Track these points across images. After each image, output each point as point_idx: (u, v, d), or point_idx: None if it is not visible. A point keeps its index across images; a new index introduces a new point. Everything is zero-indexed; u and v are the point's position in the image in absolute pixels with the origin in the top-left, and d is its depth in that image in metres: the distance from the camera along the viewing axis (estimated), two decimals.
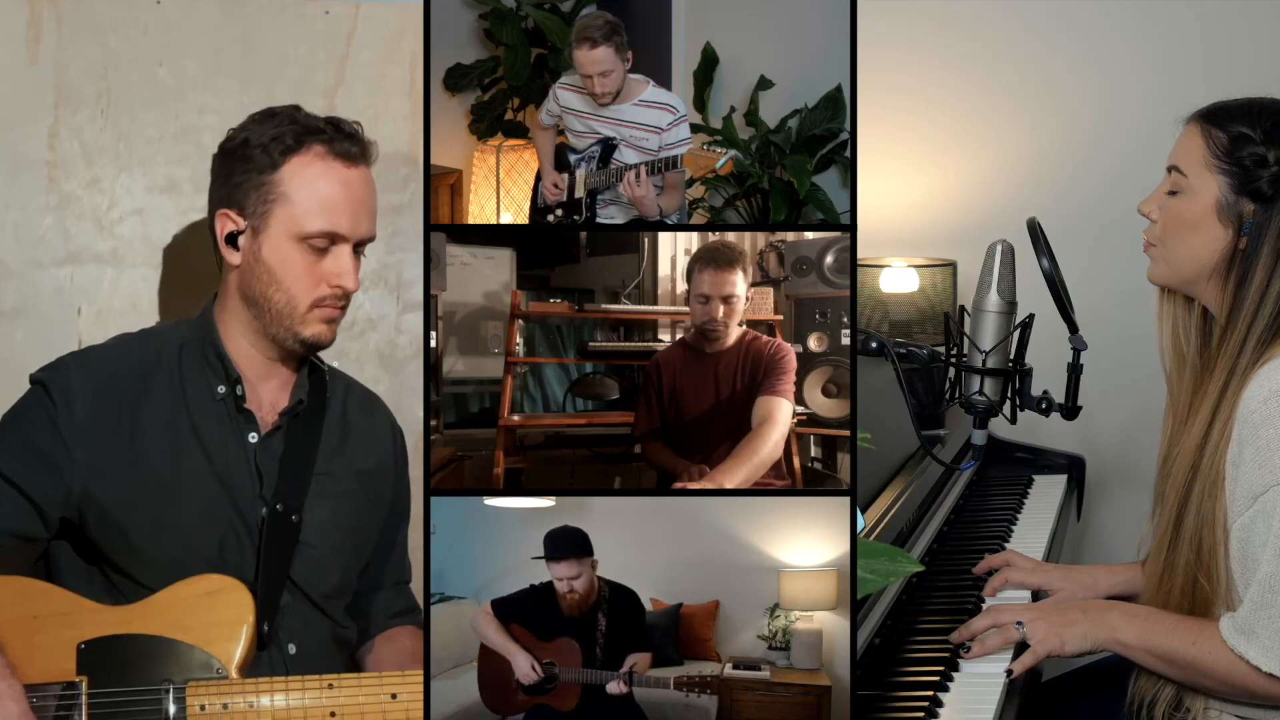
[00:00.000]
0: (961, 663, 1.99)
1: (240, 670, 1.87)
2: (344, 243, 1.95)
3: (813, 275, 2.90)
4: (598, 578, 2.06)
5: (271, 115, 1.96)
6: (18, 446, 1.90)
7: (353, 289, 1.96)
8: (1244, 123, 1.90)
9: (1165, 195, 1.97)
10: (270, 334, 1.97)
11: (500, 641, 2.05)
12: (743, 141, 2.86)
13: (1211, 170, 1.91)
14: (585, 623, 2.04)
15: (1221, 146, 1.91)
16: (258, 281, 1.94)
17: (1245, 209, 1.89)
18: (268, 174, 1.92)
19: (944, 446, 2.72)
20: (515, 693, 2.03)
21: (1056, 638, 1.95)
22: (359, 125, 1.99)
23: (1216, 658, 1.84)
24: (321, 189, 1.93)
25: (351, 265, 1.95)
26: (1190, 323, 2.00)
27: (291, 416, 2.00)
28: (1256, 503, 1.82)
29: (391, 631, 2.14)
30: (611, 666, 2.00)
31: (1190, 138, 1.95)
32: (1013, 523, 2.67)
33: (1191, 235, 1.93)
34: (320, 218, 1.92)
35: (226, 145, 1.97)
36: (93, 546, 1.93)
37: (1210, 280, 1.93)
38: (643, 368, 2.74)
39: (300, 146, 1.93)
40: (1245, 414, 1.83)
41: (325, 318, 1.96)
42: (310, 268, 1.93)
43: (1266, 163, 1.88)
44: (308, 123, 1.95)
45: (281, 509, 1.95)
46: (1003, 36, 3.29)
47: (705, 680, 1.96)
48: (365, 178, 1.97)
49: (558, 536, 2.05)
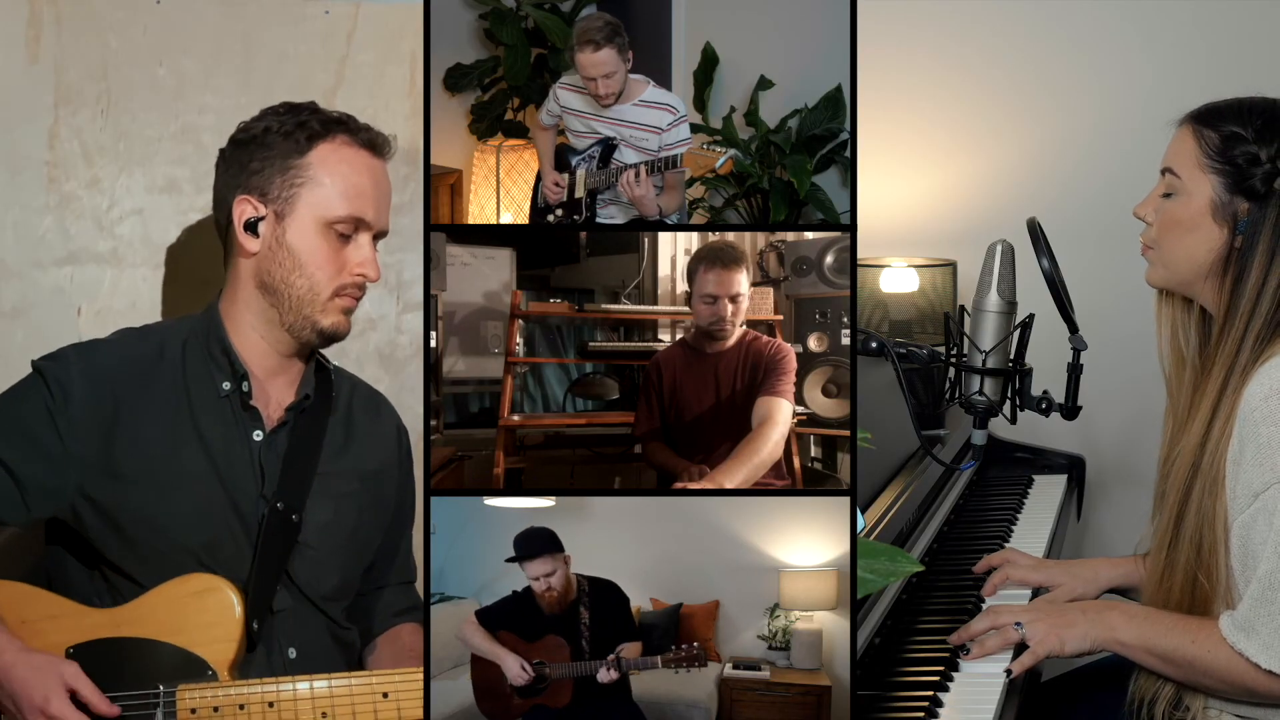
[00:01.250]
0: (961, 663, 1.99)
1: (230, 671, 1.86)
2: (367, 231, 1.97)
3: (813, 275, 2.90)
4: (575, 574, 2.06)
5: (292, 108, 1.98)
6: (10, 428, 1.89)
7: (375, 278, 1.98)
8: (1235, 122, 1.90)
9: (1160, 198, 1.97)
10: (287, 323, 1.96)
11: (488, 647, 2.06)
12: (743, 141, 2.86)
13: (1205, 170, 1.91)
14: (568, 619, 2.05)
15: (1214, 146, 1.91)
16: (279, 268, 1.94)
17: (1240, 208, 1.90)
18: (294, 159, 1.94)
19: (944, 446, 2.72)
20: (511, 698, 2.03)
21: (1056, 638, 1.95)
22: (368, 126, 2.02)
23: (1216, 655, 1.84)
24: (349, 175, 1.95)
25: (373, 254, 1.97)
26: (1189, 324, 2.01)
27: (297, 413, 1.99)
28: (1257, 500, 1.82)
29: (394, 630, 2.14)
30: (599, 659, 2.01)
31: (1183, 139, 1.95)
32: (1013, 523, 2.67)
33: (1188, 236, 1.93)
34: (349, 203, 1.94)
35: (240, 136, 1.98)
36: (90, 547, 1.92)
37: (1208, 280, 1.93)
38: (643, 368, 2.74)
39: (327, 133, 1.95)
40: (1246, 412, 1.83)
41: (345, 307, 1.97)
42: (334, 254, 1.95)
43: (1259, 160, 1.88)
44: (328, 115, 1.98)
45: (282, 508, 1.94)
46: (1003, 36, 3.29)
47: (693, 654, 1.95)
48: (385, 171, 2.01)
49: (527, 537, 2.07)
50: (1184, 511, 1.92)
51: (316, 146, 1.94)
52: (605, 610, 2.06)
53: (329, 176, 1.94)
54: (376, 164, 1.99)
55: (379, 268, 1.98)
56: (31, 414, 1.89)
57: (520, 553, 2.06)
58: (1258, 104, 1.93)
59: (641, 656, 2.00)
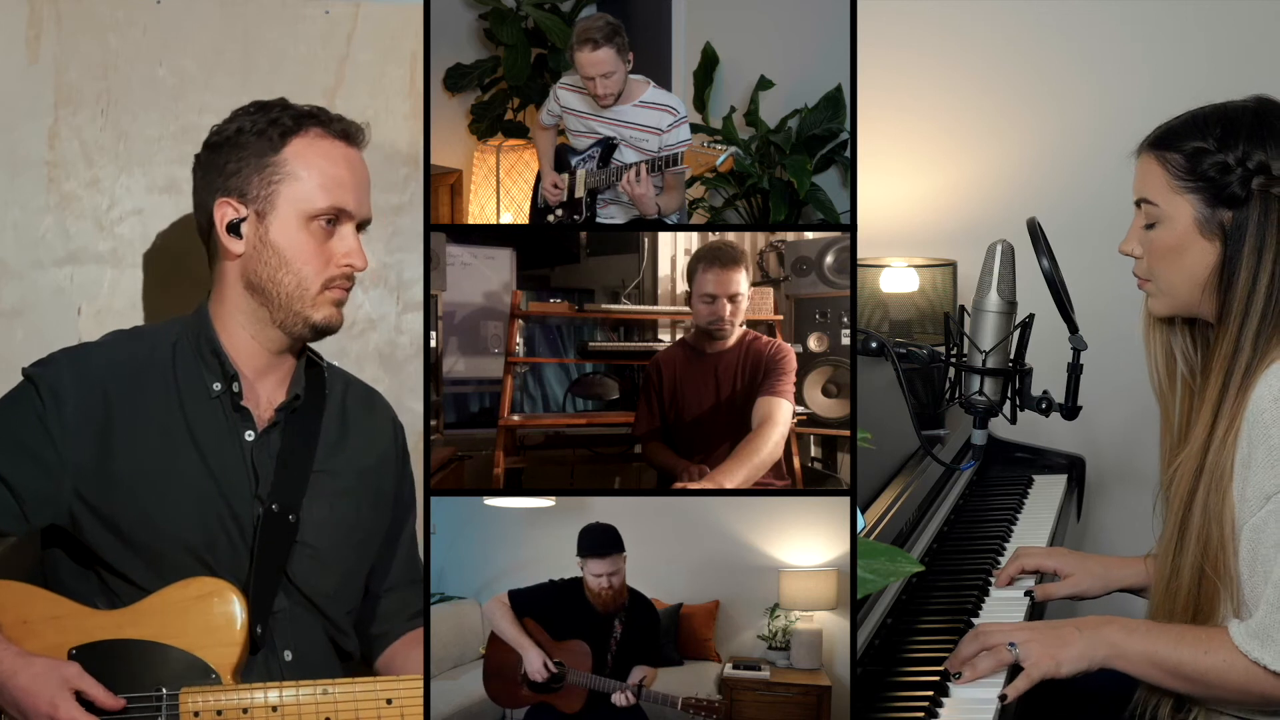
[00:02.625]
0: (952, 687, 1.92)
1: (234, 674, 1.86)
2: (349, 221, 1.97)
3: (813, 275, 2.90)
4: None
5: (262, 106, 1.99)
6: (2, 438, 1.89)
7: (362, 267, 1.98)
8: (1195, 137, 1.90)
9: (1142, 229, 1.97)
10: (278, 321, 1.96)
11: (514, 635, 2.04)
12: (743, 141, 2.86)
13: (1180, 193, 1.91)
14: (603, 626, 2.03)
15: (1181, 167, 1.90)
16: (265, 266, 1.94)
17: (1224, 217, 1.89)
18: (269, 156, 1.94)
19: (944, 446, 2.72)
20: (520, 687, 2.03)
21: (1051, 659, 1.89)
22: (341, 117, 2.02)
23: (1232, 665, 1.80)
24: (326, 167, 1.95)
25: (358, 243, 1.97)
26: (1181, 346, 2.00)
27: (289, 413, 1.99)
28: (1269, 503, 1.80)
29: (413, 635, 2.12)
30: (620, 675, 2.00)
31: (1148, 168, 1.95)
32: (1013, 523, 2.67)
33: (1181, 259, 1.93)
34: (329, 194, 1.95)
35: (214, 140, 1.98)
36: (87, 550, 1.92)
37: (1204, 293, 1.93)
38: (643, 368, 2.73)
39: (299, 128, 1.96)
40: (1255, 414, 1.82)
41: (335, 299, 1.97)
42: (319, 248, 1.95)
43: (1229, 168, 1.87)
44: (299, 109, 1.99)
45: (277, 508, 1.94)
46: (1003, 36, 3.29)
47: (713, 705, 1.95)
48: (362, 159, 2.01)
49: (598, 532, 2.04)
50: (1189, 515, 1.90)
51: (290, 142, 1.95)
52: (637, 628, 2.05)
53: (306, 170, 1.94)
54: (352, 153, 1.99)
55: (365, 256, 1.98)
56: (23, 423, 1.89)
57: (590, 549, 2.04)
58: (1210, 113, 1.92)
59: (660, 685, 1.98)
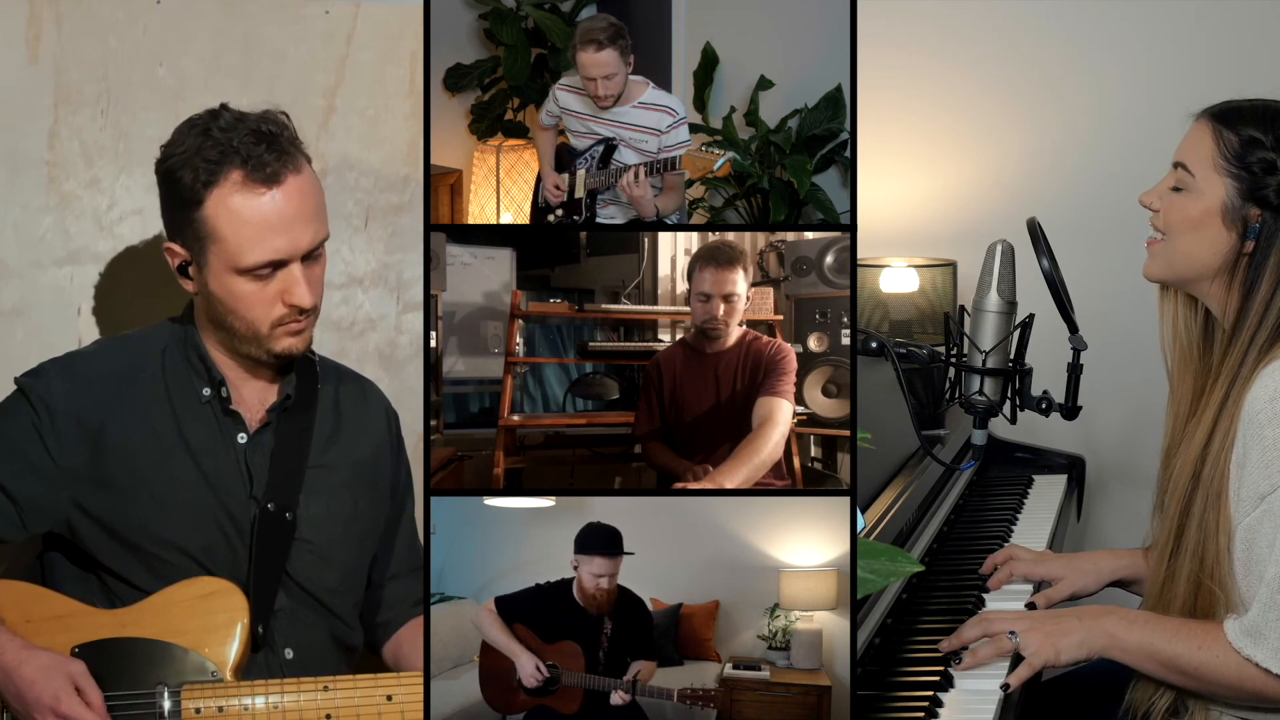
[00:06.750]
0: (953, 672, 1.94)
1: (235, 673, 1.87)
2: (292, 261, 1.87)
3: (813, 275, 2.90)
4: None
5: (192, 127, 1.87)
6: (1, 448, 1.89)
7: (308, 304, 1.89)
8: (1256, 126, 1.88)
9: (1169, 189, 1.96)
10: (242, 351, 1.94)
11: (504, 641, 2.04)
12: (743, 141, 2.86)
13: (1220, 172, 1.89)
14: (592, 626, 2.03)
15: (1232, 149, 1.89)
16: (215, 309, 1.91)
17: (1250, 214, 1.88)
18: (194, 210, 1.84)
19: (944, 446, 2.72)
20: (517, 693, 2.03)
21: (1051, 648, 1.90)
22: (285, 116, 1.90)
23: (1225, 661, 1.81)
24: (247, 221, 1.83)
25: (302, 280, 1.87)
26: (1192, 318, 1.99)
27: (281, 412, 1.98)
28: (1263, 503, 1.80)
29: (417, 621, 2.11)
30: (613, 672, 1.99)
31: (1200, 136, 1.92)
32: (1013, 523, 2.67)
33: (1192, 234, 1.92)
34: (254, 251, 1.84)
35: (158, 167, 1.90)
36: (86, 554, 1.93)
37: (1214, 281, 1.92)
38: (643, 368, 2.74)
39: (217, 178, 1.83)
40: (1250, 414, 1.82)
41: (290, 333, 1.91)
42: (260, 292, 1.87)
43: (1276, 170, 1.86)
44: (224, 139, 1.84)
45: (273, 508, 1.94)
46: (1003, 36, 3.29)
47: (709, 694, 1.95)
48: (295, 188, 1.86)
49: (603, 531, 2.03)
50: (1185, 523, 1.90)
51: (209, 195, 1.83)
52: (628, 625, 2.04)
53: (226, 228, 1.83)
54: (277, 193, 1.83)
55: (314, 290, 1.89)
56: (18, 432, 1.89)
57: (590, 547, 2.02)
58: (1278, 109, 1.91)
59: (657, 681, 1.98)
